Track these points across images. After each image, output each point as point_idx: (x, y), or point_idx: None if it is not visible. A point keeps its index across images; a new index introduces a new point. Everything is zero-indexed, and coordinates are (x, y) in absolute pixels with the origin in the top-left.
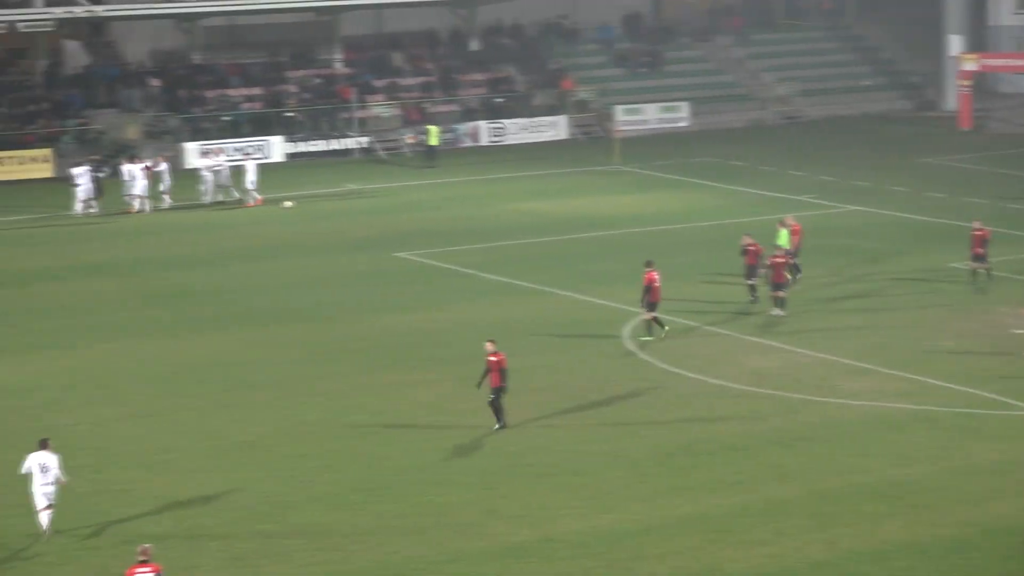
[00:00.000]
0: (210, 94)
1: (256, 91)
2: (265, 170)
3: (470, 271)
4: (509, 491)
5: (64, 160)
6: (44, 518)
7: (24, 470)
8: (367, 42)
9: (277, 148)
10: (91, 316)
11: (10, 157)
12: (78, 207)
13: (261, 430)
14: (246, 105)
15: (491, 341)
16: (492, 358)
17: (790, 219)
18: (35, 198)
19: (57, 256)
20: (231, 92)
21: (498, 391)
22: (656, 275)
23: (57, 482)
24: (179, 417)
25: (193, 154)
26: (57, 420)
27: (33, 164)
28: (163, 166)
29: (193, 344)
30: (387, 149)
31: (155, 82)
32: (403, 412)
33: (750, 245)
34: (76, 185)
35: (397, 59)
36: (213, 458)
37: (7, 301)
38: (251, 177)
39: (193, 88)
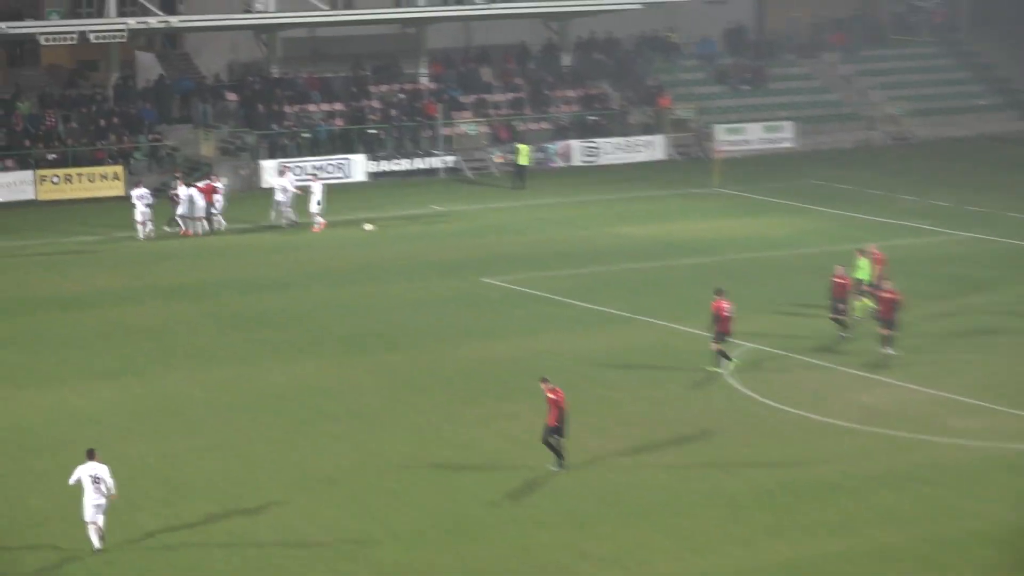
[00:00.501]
0: (289, 109)
1: (337, 107)
2: (346, 190)
3: (560, 298)
4: (600, 532)
5: (134, 177)
6: (94, 533)
7: (73, 481)
8: (454, 56)
9: (359, 167)
10: (162, 341)
11: (79, 174)
12: (146, 229)
13: (341, 464)
14: (327, 121)
15: (544, 380)
16: (551, 395)
17: (872, 248)
18: (104, 217)
19: (126, 278)
20: (311, 108)
21: (554, 431)
22: (726, 304)
23: (109, 495)
24: (254, 449)
25: (270, 173)
26: (125, 450)
27: (103, 182)
28: (220, 185)
29: (269, 372)
30: (474, 169)
31: (231, 96)
32: (490, 446)
33: (839, 277)
34: (176, 202)
35: (485, 74)
36: (290, 493)
37: (75, 324)
38: (317, 199)
39: (271, 103)
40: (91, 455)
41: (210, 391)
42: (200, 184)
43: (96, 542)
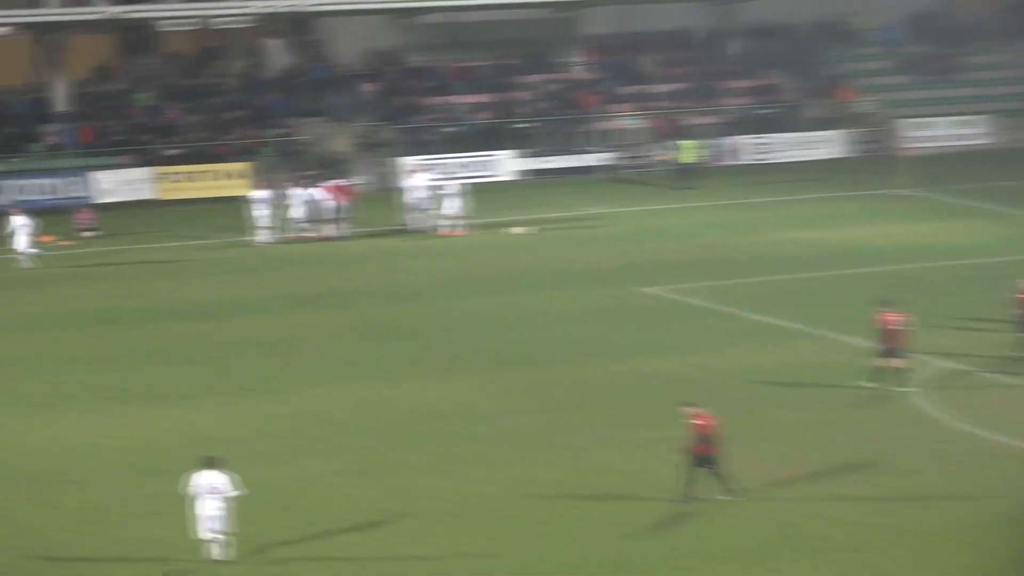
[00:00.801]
0: (430, 101)
1: (483, 98)
2: (492, 190)
3: (729, 309)
4: (778, 568)
5: (262, 176)
6: (214, 550)
7: (190, 491)
8: (611, 43)
9: (507, 164)
10: (295, 355)
11: (203, 172)
12: (268, 234)
13: (492, 490)
14: (471, 114)
15: (689, 404)
16: (697, 422)
17: None
18: (228, 219)
19: (252, 286)
20: (454, 99)
21: (703, 461)
22: (895, 317)
23: (228, 503)
24: (398, 474)
25: (407, 171)
26: (256, 474)
27: (228, 180)
28: (350, 184)
29: (413, 389)
30: (633, 167)
31: (368, 87)
32: (654, 473)
33: (1021, 294)
34: (290, 205)
35: (646, 63)
36: (437, 522)
37: (200, 336)
38: (454, 202)
39: (410, 95)
40: (211, 463)
41: (348, 410)
42: (328, 184)
43: (217, 553)
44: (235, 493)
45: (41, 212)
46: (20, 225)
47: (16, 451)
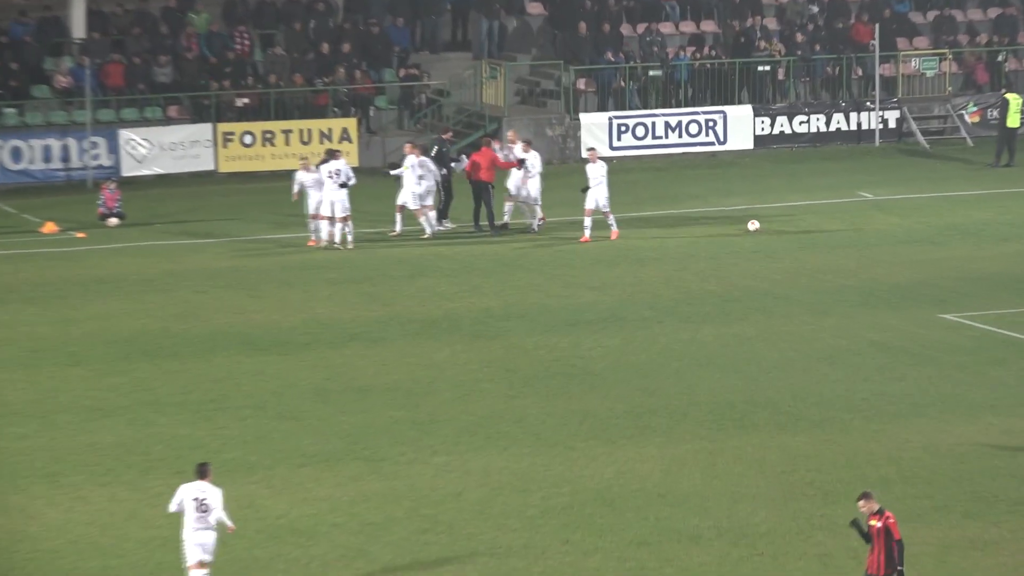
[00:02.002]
0: (629, 31)
1: (707, 27)
2: (717, 164)
3: None
4: None
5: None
6: None
7: (174, 507)
8: None
9: (741, 127)
10: (424, 407)
11: (286, 130)
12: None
13: None
14: (690, 51)
15: (864, 497)
16: (874, 523)
17: None
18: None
19: (353, 301)
20: (664, 28)
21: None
22: None
23: (220, 528)
24: (583, 564)
25: (594, 132)
26: None
27: (324, 144)
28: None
29: (599, 462)
30: (930, 132)
31: (534, 8)
32: None
33: None
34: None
35: None
36: None
37: (274, 376)
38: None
39: (600, 20)
40: (203, 472)
41: (490, 491)
42: (476, 152)
43: None
44: (223, 514)
45: (43, 188)
46: None
47: None
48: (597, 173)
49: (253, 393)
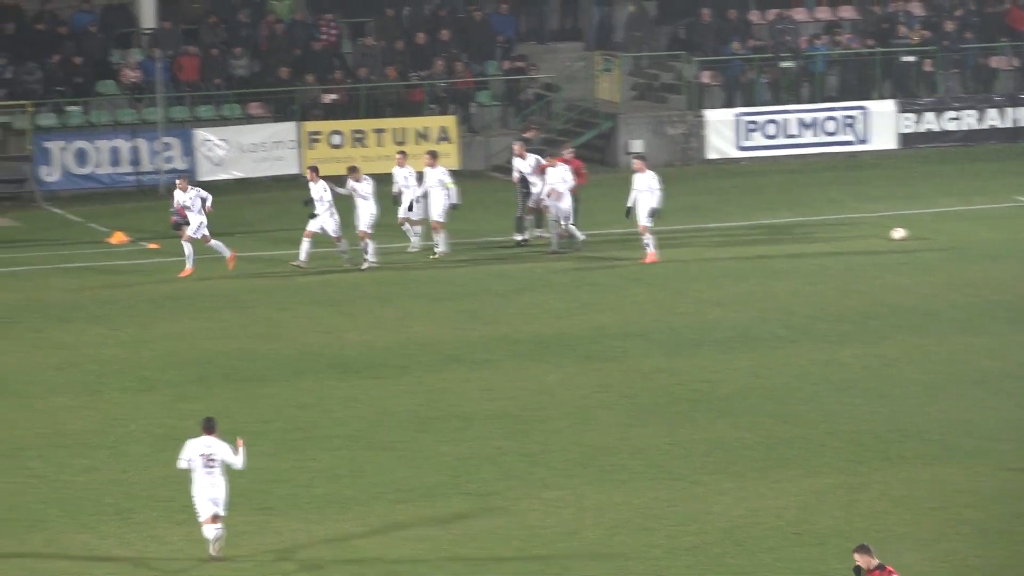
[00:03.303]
0: (759, 19)
1: (844, 13)
2: (858, 166)
3: None
4: None
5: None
6: (210, 532)
7: (183, 464)
8: None
9: (883, 124)
10: (533, 436)
11: (379, 129)
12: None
13: None
14: (829, 40)
15: (862, 550)
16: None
17: None
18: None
19: (454, 320)
20: (797, 14)
21: None
22: None
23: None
24: None
25: (718, 130)
26: None
27: (421, 145)
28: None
29: (730, 497)
30: None
31: None
32: None
33: None
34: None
35: None
36: None
37: (369, 401)
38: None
39: (724, 7)
40: (208, 427)
41: (635, 530)
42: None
43: (212, 547)
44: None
45: (110, 194)
46: None
47: None
48: (643, 184)
49: (344, 421)
